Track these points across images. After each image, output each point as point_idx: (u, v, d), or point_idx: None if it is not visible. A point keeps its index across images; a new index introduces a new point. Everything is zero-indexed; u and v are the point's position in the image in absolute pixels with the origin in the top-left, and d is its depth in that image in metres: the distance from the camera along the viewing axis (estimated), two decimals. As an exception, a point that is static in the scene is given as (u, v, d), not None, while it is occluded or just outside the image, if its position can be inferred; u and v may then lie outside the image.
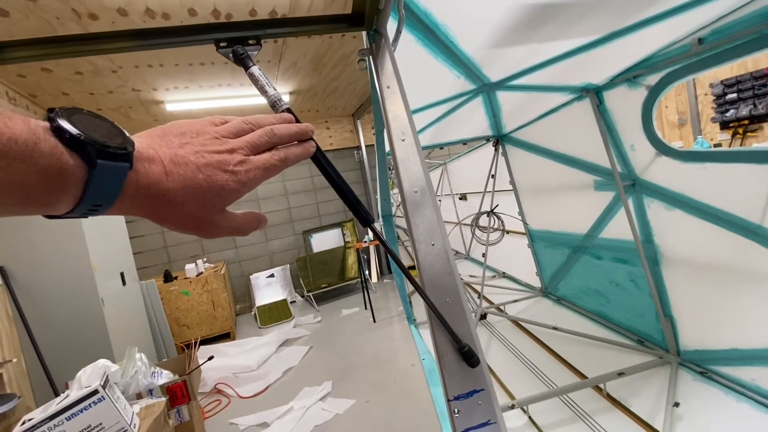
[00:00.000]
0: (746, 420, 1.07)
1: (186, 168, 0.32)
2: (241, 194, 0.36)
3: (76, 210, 0.28)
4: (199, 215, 0.34)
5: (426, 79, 1.17)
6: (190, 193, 0.33)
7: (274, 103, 0.45)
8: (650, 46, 1.17)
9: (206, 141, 0.35)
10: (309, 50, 3.30)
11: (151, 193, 0.31)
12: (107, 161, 0.27)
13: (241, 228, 0.39)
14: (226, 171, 0.34)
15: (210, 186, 0.33)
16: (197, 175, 0.33)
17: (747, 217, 1.07)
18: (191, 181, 0.33)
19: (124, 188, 0.29)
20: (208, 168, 0.33)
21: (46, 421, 1.26)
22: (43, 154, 0.25)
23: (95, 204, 0.29)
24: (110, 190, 0.29)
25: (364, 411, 2.51)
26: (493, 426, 0.47)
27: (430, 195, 0.53)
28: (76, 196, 0.27)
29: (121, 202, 0.30)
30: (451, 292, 0.51)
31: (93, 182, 0.27)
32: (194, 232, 0.36)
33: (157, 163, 0.31)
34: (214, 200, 0.34)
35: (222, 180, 0.34)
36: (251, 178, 0.36)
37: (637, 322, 1.59)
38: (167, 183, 0.32)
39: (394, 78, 0.57)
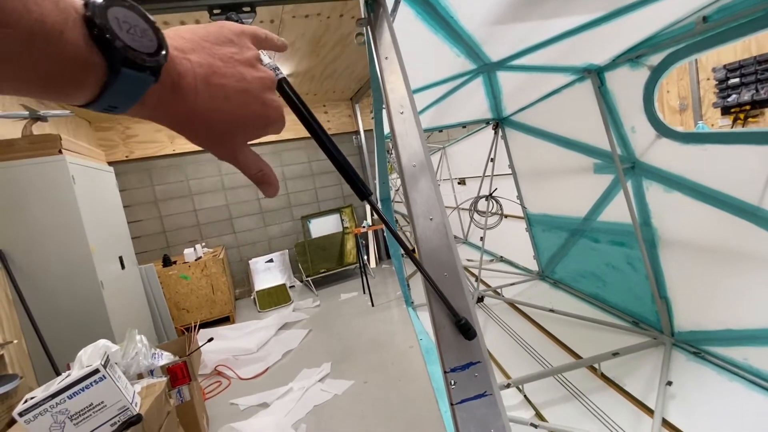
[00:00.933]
0: (738, 398, 1.09)
1: (223, 89, 0.31)
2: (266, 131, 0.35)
3: (91, 105, 0.27)
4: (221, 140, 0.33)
5: (425, 57, 1.15)
6: (220, 118, 0.32)
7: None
8: (654, 24, 1.15)
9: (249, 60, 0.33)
10: (307, 31, 3.23)
11: (173, 109, 0.30)
12: (132, 70, 0.26)
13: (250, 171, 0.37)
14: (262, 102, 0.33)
15: (244, 114, 0.32)
16: (233, 100, 0.32)
17: (745, 199, 1.07)
18: (225, 105, 0.31)
19: (143, 98, 0.28)
20: (245, 95, 0.32)
21: (48, 399, 1.27)
22: (69, 43, 0.23)
23: (111, 105, 0.27)
24: (128, 98, 0.27)
25: (362, 391, 2.56)
26: (489, 397, 0.48)
27: (428, 169, 0.53)
28: (93, 93, 0.26)
29: (139, 110, 0.29)
30: (449, 267, 0.51)
31: (111, 87, 0.26)
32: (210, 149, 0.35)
33: (189, 78, 0.30)
34: (243, 131, 0.33)
35: (257, 111, 0.33)
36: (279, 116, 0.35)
37: (632, 304, 1.61)
38: (194, 103, 0.30)
39: (392, 49, 0.56)
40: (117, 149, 4.81)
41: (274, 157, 5.66)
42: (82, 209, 2.58)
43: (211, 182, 5.33)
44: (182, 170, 5.17)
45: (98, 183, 3.00)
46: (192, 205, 5.24)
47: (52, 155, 2.50)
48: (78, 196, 2.55)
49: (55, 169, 2.49)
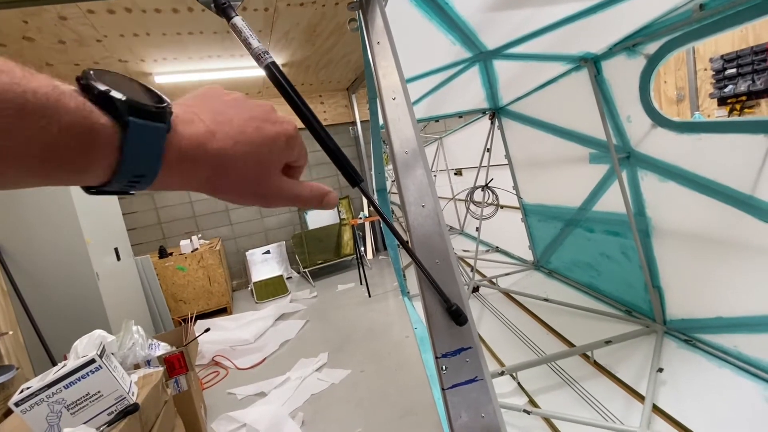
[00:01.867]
0: (727, 384, 1.11)
1: (231, 125, 0.30)
2: (292, 152, 0.34)
3: (114, 180, 0.26)
4: (257, 178, 0.32)
5: (420, 45, 1.13)
6: (243, 150, 0.30)
7: (258, 56, 0.43)
8: (651, 12, 1.14)
9: (243, 98, 0.33)
10: (302, 20, 3.19)
11: (199, 157, 0.28)
12: (140, 119, 0.25)
13: (302, 198, 0.36)
14: (273, 123, 0.32)
15: (262, 139, 0.31)
16: (246, 128, 0.30)
17: (738, 188, 1.08)
18: (240, 137, 0.30)
19: (165, 154, 0.27)
20: (254, 121, 0.31)
21: (45, 389, 1.27)
22: (68, 110, 0.23)
23: (136, 174, 0.26)
24: (149, 155, 0.26)
25: (359, 380, 2.58)
26: (480, 382, 0.49)
27: (421, 156, 0.53)
28: (111, 162, 0.25)
29: (166, 171, 0.27)
30: (441, 253, 0.51)
31: (128, 144, 0.25)
32: (254, 200, 0.33)
33: (198, 123, 0.29)
34: (269, 157, 0.32)
35: (272, 132, 0.32)
36: (294, 130, 0.34)
37: (626, 293, 1.62)
38: (215, 143, 0.29)
39: (384, 34, 0.55)
40: (111, 140, 4.76)
41: (270, 148, 5.63)
42: (77, 200, 2.56)
43: (206, 173, 5.30)
44: (177, 161, 5.13)
45: (92, 174, 2.98)
46: (188, 197, 5.21)
47: (45, 146, 2.47)
48: (72, 188, 2.53)
49: (48, 160, 2.47)
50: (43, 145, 0.22)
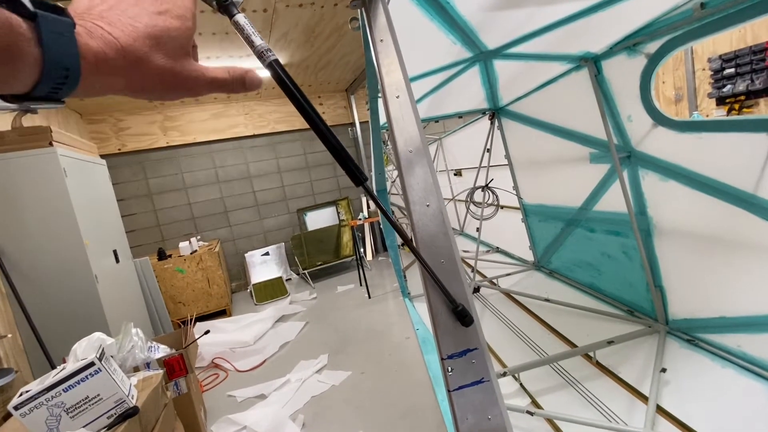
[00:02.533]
0: (731, 384, 1.11)
1: (123, 24, 0.31)
2: (188, 30, 0.35)
3: (44, 79, 0.27)
4: (170, 66, 0.33)
5: (421, 45, 1.13)
6: (146, 42, 0.31)
7: (261, 53, 0.43)
8: (651, 11, 1.14)
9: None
10: (301, 20, 3.18)
11: (111, 57, 0.30)
12: (47, 12, 0.26)
13: (220, 80, 0.38)
14: (159, 13, 0.33)
15: (157, 29, 0.32)
16: (137, 25, 0.32)
17: (740, 187, 1.07)
18: (137, 31, 0.31)
19: (82, 51, 0.28)
20: (141, 17, 0.32)
21: (44, 392, 1.26)
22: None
23: (61, 72, 0.27)
24: (67, 46, 0.27)
25: (359, 382, 2.57)
26: (486, 384, 0.48)
27: (425, 155, 0.52)
28: (35, 56, 0.26)
29: (88, 71, 0.28)
30: (446, 253, 0.50)
31: (44, 34, 0.26)
32: (180, 90, 0.35)
33: (93, 27, 0.30)
34: (171, 43, 0.33)
35: (163, 21, 0.33)
36: (183, 7, 0.35)
37: (627, 292, 1.62)
38: (117, 41, 0.30)
39: (388, 31, 0.55)
40: (109, 142, 4.74)
41: (269, 150, 5.62)
42: (75, 202, 2.54)
43: (205, 175, 5.29)
44: (176, 163, 5.12)
45: (91, 176, 2.97)
46: (186, 198, 5.20)
47: (43, 148, 2.46)
48: (70, 189, 2.52)
49: (46, 162, 2.45)
50: None
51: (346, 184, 6.13)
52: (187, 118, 5.11)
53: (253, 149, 5.54)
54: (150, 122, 4.93)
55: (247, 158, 5.50)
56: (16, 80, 0.26)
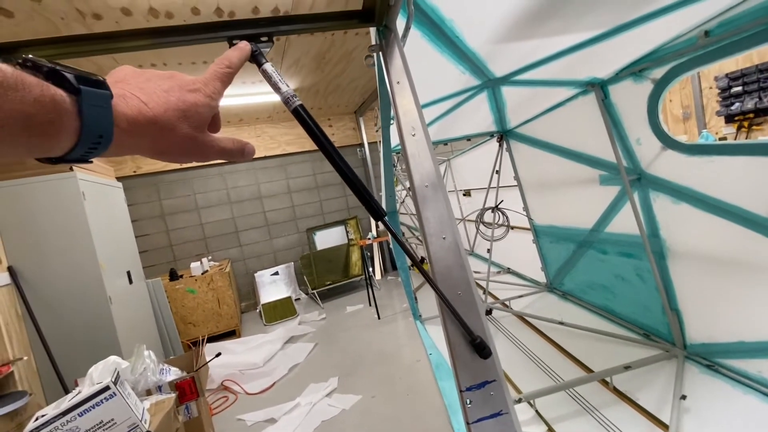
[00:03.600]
0: (753, 412, 1.08)
1: (157, 96, 0.35)
2: (213, 108, 0.39)
3: (79, 146, 0.30)
4: (192, 135, 0.37)
5: (431, 74, 1.17)
6: (175, 114, 0.35)
7: (287, 99, 0.46)
8: (656, 39, 1.16)
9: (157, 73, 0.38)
10: (312, 48, 3.30)
11: (142, 123, 0.33)
12: (89, 87, 0.29)
13: (228, 150, 0.42)
14: (191, 90, 0.37)
15: (186, 104, 0.36)
16: (170, 98, 0.35)
17: (753, 210, 1.07)
18: (168, 103, 0.35)
19: (116, 119, 0.31)
20: (174, 92, 0.36)
21: (59, 417, 1.28)
22: (32, 84, 0.26)
23: (96, 137, 0.30)
24: (104, 116, 0.30)
25: (370, 406, 2.53)
26: (505, 416, 0.48)
27: (440, 189, 0.54)
28: (74, 127, 0.29)
29: (119, 136, 0.32)
30: (463, 285, 0.52)
31: (84, 107, 0.29)
32: (194, 156, 0.39)
33: (131, 97, 0.33)
34: (196, 117, 0.37)
35: (193, 98, 0.37)
36: (214, 89, 0.40)
37: (643, 316, 1.59)
38: (150, 111, 0.34)
39: (404, 73, 0.58)
40: (125, 164, 4.88)
41: (280, 170, 5.72)
42: (92, 225, 2.61)
43: (217, 196, 5.38)
44: (189, 184, 5.23)
45: (107, 199, 3.05)
46: (198, 219, 5.28)
47: (63, 172, 2.54)
48: (88, 213, 2.59)
49: (66, 186, 2.53)
50: (24, 115, 0.26)
51: (354, 203, 6.18)
52: (200, 141, 5.24)
53: (264, 170, 5.64)
54: (165, 145, 5.06)
55: (258, 179, 5.60)
56: (54, 148, 0.29)
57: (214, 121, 0.43)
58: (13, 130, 0.26)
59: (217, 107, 0.41)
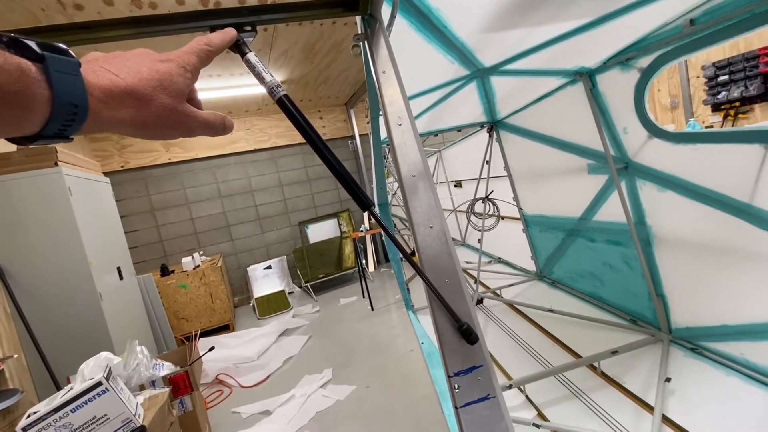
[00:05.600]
0: (735, 393, 1.11)
1: (128, 68, 0.34)
2: (188, 79, 0.38)
3: (54, 118, 0.28)
4: (173, 106, 0.36)
5: (420, 65, 1.16)
6: (150, 83, 0.34)
7: (272, 89, 0.46)
8: (642, 28, 1.17)
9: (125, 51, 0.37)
10: (300, 38, 3.25)
11: (117, 93, 0.32)
12: (53, 54, 0.28)
13: (211, 122, 0.41)
14: (163, 60, 0.36)
15: (160, 74, 0.35)
16: (141, 68, 0.34)
17: (736, 197, 1.09)
18: (141, 73, 0.34)
19: (89, 89, 0.30)
20: (145, 63, 0.35)
21: (51, 413, 1.27)
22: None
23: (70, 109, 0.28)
24: (75, 84, 0.29)
25: (364, 396, 2.56)
26: (492, 400, 0.49)
27: (427, 179, 0.54)
28: (45, 96, 0.27)
29: (96, 107, 0.30)
30: (450, 273, 0.52)
31: (53, 76, 0.27)
32: (178, 128, 0.38)
33: (103, 71, 0.32)
34: (172, 87, 0.36)
35: (165, 67, 0.36)
36: (188, 61, 0.38)
37: (630, 302, 1.63)
38: (123, 81, 0.33)
39: (389, 63, 0.58)
40: (112, 159, 4.79)
41: (270, 164, 5.67)
42: (80, 221, 2.57)
43: (207, 190, 5.33)
44: (178, 179, 5.17)
45: (95, 194, 3.00)
46: (189, 214, 5.23)
47: (48, 168, 2.50)
48: (75, 208, 2.54)
49: (52, 182, 2.49)
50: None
51: (346, 196, 6.16)
52: (189, 135, 5.17)
53: (255, 164, 5.59)
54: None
55: (248, 173, 5.55)
56: (27, 122, 0.28)
57: (193, 99, 0.42)
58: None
59: (193, 81, 0.39)
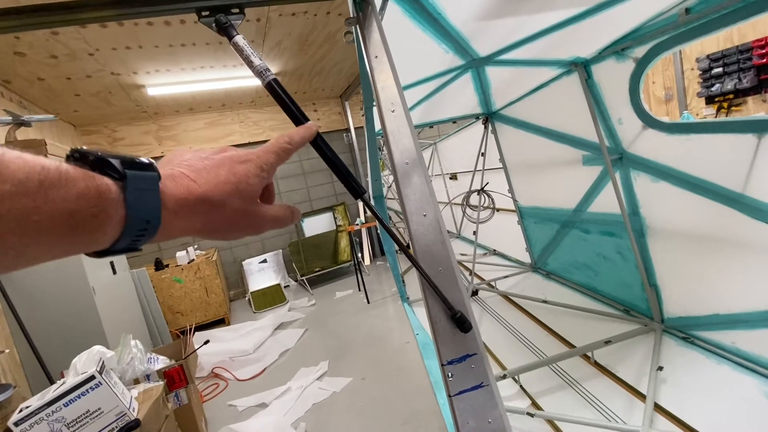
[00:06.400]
0: (726, 381, 1.13)
1: (207, 172, 0.33)
2: (264, 179, 0.37)
3: (123, 235, 0.28)
4: (244, 209, 0.36)
5: (414, 54, 1.15)
6: (225, 189, 0.34)
7: (261, 73, 0.44)
8: (638, 17, 1.16)
9: (207, 151, 0.36)
10: (294, 29, 3.21)
11: (191, 201, 0.32)
12: (135, 171, 0.28)
13: (280, 218, 0.40)
14: (242, 162, 0.36)
15: (237, 177, 0.35)
16: (219, 172, 0.34)
17: (729, 186, 1.10)
18: (218, 178, 0.34)
19: (163, 201, 0.29)
20: (224, 165, 0.35)
21: (44, 407, 1.26)
22: (76, 178, 0.25)
23: (142, 225, 0.28)
24: (150, 201, 0.29)
25: (360, 388, 2.57)
26: (486, 388, 0.49)
27: (420, 166, 0.53)
28: (119, 217, 0.27)
29: (168, 218, 0.30)
30: (443, 261, 0.52)
31: (130, 194, 0.27)
32: (247, 230, 0.37)
33: (179, 176, 0.32)
34: (247, 190, 0.35)
35: (243, 169, 0.35)
36: (266, 161, 0.38)
37: (623, 292, 1.64)
38: (199, 188, 0.32)
39: (382, 47, 0.56)
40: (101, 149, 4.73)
41: (265, 157, 5.63)
42: (71, 215, 2.54)
43: (201, 184, 5.28)
44: (171, 172, 5.11)
45: (86, 188, 2.96)
46: (183, 208, 5.19)
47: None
48: (66, 202, 2.51)
49: (42, 175, 2.45)
50: (67, 213, 0.24)
51: (342, 189, 6.14)
52: (182, 127, 5.11)
53: (249, 157, 5.54)
54: (145, 132, 4.92)
55: (242, 166, 5.51)
56: (99, 242, 0.27)
57: (267, 191, 0.41)
58: (53, 231, 0.24)
59: (268, 181, 0.39)
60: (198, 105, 4.85)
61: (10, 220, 0.22)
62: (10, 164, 0.22)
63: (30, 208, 0.23)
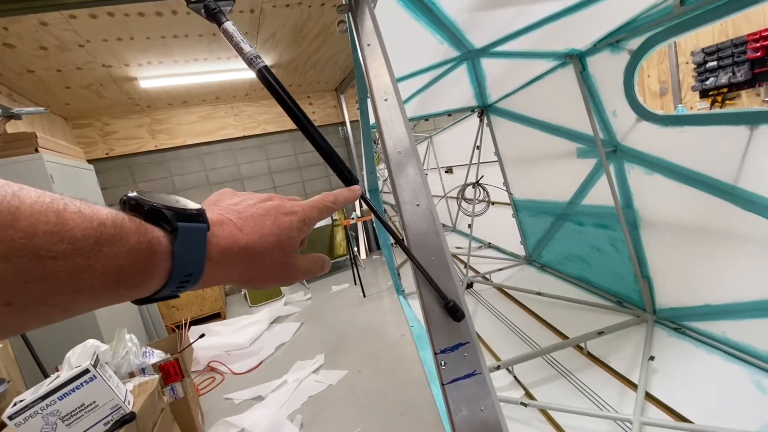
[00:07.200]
0: (716, 370, 1.14)
1: (254, 221, 0.33)
2: (304, 233, 0.38)
3: (166, 286, 0.28)
4: (281, 261, 0.36)
5: (408, 45, 1.14)
6: (269, 241, 0.34)
7: (251, 60, 0.44)
8: (633, 8, 1.16)
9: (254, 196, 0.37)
10: (288, 21, 3.17)
11: (234, 251, 0.31)
12: (187, 223, 0.28)
13: (311, 270, 0.41)
14: (286, 213, 0.36)
15: (280, 229, 0.35)
16: (265, 222, 0.34)
17: (721, 178, 1.11)
18: (263, 229, 0.34)
19: (208, 252, 0.29)
20: (270, 216, 0.35)
21: (38, 401, 1.26)
22: (129, 234, 0.24)
23: (185, 275, 0.28)
24: (197, 254, 0.28)
25: (356, 380, 2.59)
26: (479, 376, 0.49)
27: (414, 156, 0.53)
28: (165, 269, 0.27)
29: (210, 268, 0.30)
30: (437, 251, 0.52)
31: (178, 248, 0.27)
32: (280, 281, 0.38)
33: (228, 223, 0.32)
34: (288, 243, 0.36)
35: (287, 222, 0.36)
36: (310, 216, 0.38)
37: (616, 284, 1.65)
38: (244, 238, 0.32)
39: (374, 35, 0.56)
40: (96, 146, 4.68)
41: (259, 151, 5.59)
42: (63, 209, 2.51)
43: (195, 178, 5.25)
44: (165, 166, 5.07)
45: (78, 182, 2.93)
46: (175, 193, 5.15)
47: (29, 154, 2.43)
48: (58, 195, 2.49)
49: (32, 169, 2.42)
50: (117, 269, 0.24)
51: (338, 183, 6.10)
52: (175, 121, 5.06)
53: (244, 151, 5.51)
54: (137, 125, 4.87)
55: (237, 160, 5.47)
56: (141, 294, 0.27)
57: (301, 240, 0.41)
58: (100, 288, 0.23)
59: (307, 234, 0.39)
60: (191, 98, 4.80)
61: (61, 279, 0.21)
62: (69, 221, 0.21)
63: (82, 266, 0.22)
